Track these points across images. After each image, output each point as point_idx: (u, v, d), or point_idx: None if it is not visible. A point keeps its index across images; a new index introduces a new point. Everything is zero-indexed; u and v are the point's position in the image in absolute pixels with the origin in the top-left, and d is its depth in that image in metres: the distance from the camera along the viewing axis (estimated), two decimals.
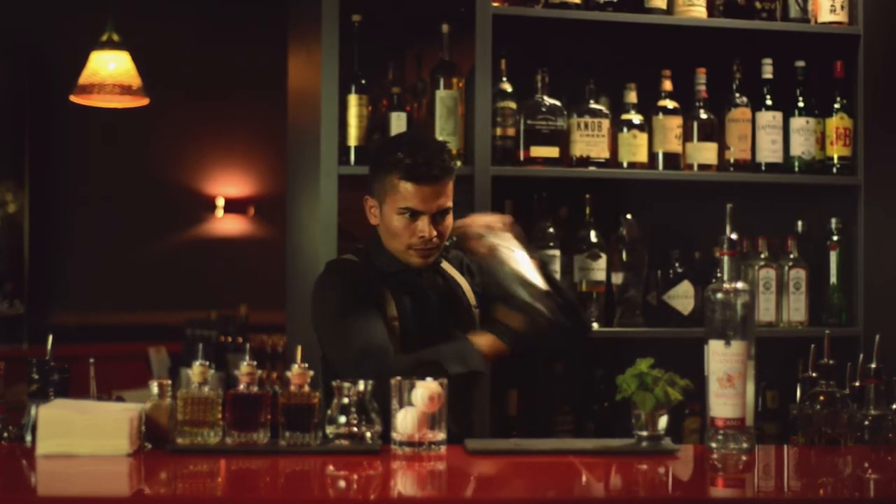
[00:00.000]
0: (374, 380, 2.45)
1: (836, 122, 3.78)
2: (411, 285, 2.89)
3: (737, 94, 3.78)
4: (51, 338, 2.64)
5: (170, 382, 2.49)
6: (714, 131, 3.76)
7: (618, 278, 3.69)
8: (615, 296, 3.69)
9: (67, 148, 7.91)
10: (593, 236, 3.66)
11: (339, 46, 3.39)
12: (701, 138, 3.74)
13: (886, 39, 3.78)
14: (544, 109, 3.61)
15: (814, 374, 2.64)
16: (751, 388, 2.41)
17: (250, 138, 8.23)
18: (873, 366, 2.56)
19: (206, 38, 8.00)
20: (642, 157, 3.69)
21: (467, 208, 3.43)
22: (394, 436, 2.39)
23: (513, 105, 3.57)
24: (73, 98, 4.91)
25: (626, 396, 2.48)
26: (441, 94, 3.48)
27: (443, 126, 3.47)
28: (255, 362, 2.46)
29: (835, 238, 3.79)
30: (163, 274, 7.98)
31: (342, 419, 2.42)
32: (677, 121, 3.72)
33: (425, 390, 2.37)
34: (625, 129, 3.69)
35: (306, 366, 2.45)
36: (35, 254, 7.77)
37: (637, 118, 3.70)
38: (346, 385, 2.42)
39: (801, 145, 3.78)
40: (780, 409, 3.72)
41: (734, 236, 2.46)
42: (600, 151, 3.65)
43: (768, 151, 3.78)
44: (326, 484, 2.21)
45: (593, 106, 3.66)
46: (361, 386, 2.42)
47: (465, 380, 2.75)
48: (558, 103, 3.63)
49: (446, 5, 3.53)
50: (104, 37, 4.84)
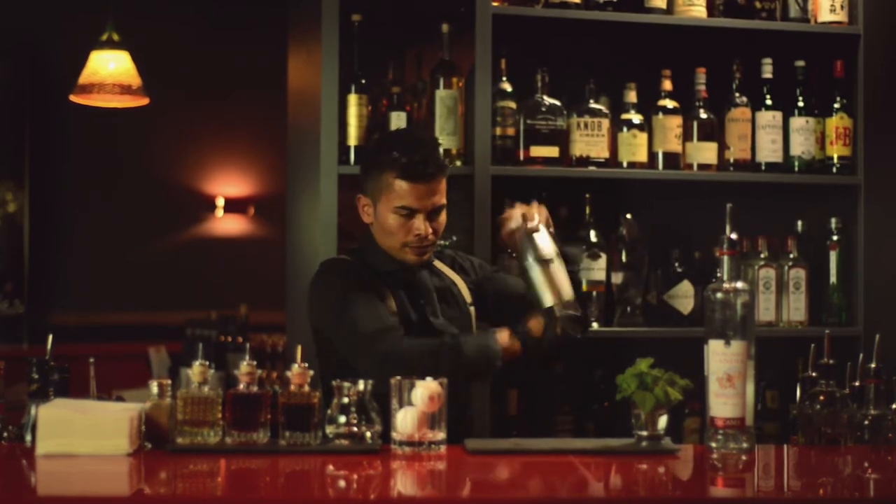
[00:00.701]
0: (387, 360, 2.45)
1: (836, 122, 3.78)
2: (407, 283, 2.90)
3: (737, 94, 3.78)
4: (51, 337, 2.64)
5: (170, 382, 2.50)
6: (714, 131, 3.76)
7: (618, 278, 3.69)
8: (615, 295, 3.69)
9: (67, 148, 7.91)
10: (593, 236, 3.66)
11: (339, 46, 3.39)
12: (701, 138, 3.74)
13: (886, 39, 3.78)
14: (544, 109, 3.61)
15: (814, 374, 2.64)
16: (751, 388, 2.41)
17: (250, 138, 8.23)
18: (873, 366, 2.56)
19: (206, 38, 8.00)
20: (642, 156, 3.69)
21: (467, 208, 3.43)
22: (394, 435, 2.40)
23: (513, 105, 3.57)
24: (73, 98, 4.92)
25: (626, 396, 2.48)
26: (441, 93, 3.48)
27: (443, 126, 3.47)
28: (255, 362, 2.46)
29: (835, 238, 3.79)
30: (163, 274, 7.98)
31: (342, 419, 2.42)
32: (677, 120, 3.72)
33: (425, 390, 2.37)
34: (625, 129, 3.69)
35: (306, 365, 2.45)
36: (35, 254, 7.77)
37: (637, 118, 3.70)
38: (346, 385, 2.42)
39: (801, 145, 3.78)
40: (780, 409, 3.72)
41: (734, 236, 2.46)
42: (600, 151, 3.65)
43: (768, 151, 3.78)
44: (326, 484, 2.21)
45: (593, 106, 3.66)
46: (361, 385, 2.42)
47: (478, 368, 2.75)
48: (558, 103, 3.63)
49: (446, 5, 3.53)
50: (104, 36, 4.84)
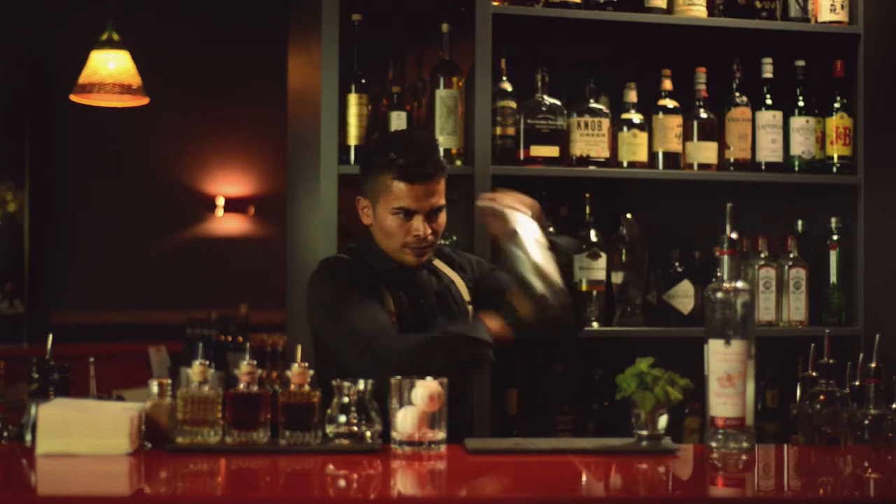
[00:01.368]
0: (382, 360, 2.46)
1: (836, 122, 3.78)
2: (406, 283, 2.90)
3: (737, 94, 3.78)
4: (51, 337, 2.64)
5: (170, 382, 2.50)
6: (714, 131, 3.76)
7: (618, 278, 3.69)
8: (615, 295, 3.69)
9: (67, 148, 7.91)
10: (593, 236, 3.67)
11: (339, 46, 3.39)
12: (701, 138, 3.74)
13: (886, 39, 3.78)
14: (544, 109, 3.61)
15: (814, 374, 2.64)
16: (751, 388, 2.41)
17: (250, 138, 8.23)
18: (873, 365, 2.56)
19: (206, 38, 8.00)
20: (642, 156, 3.69)
21: (467, 208, 3.43)
22: (394, 435, 2.40)
23: (513, 104, 3.57)
24: (72, 97, 4.91)
25: (625, 396, 2.48)
26: (441, 93, 3.48)
27: (443, 125, 3.47)
28: (255, 361, 2.46)
29: (835, 238, 3.79)
30: (163, 274, 7.98)
31: (342, 418, 2.42)
32: (677, 120, 3.72)
33: (425, 389, 2.37)
34: (625, 129, 3.69)
35: (306, 365, 2.45)
36: (35, 254, 7.77)
37: (637, 117, 3.70)
38: (346, 384, 2.42)
39: (801, 145, 3.78)
40: (780, 409, 3.72)
41: (734, 236, 2.46)
42: (600, 151, 3.65)
43: (768, 151, 3.78)
44: (326, 483, 2.21)
45: (593, 105, 3.66)
46: (361, 385, 2.42)
47: (473, 355, 2.76)
48: (558, 102, 3.63)
49: (446, 5, 3.53)
50: (104, 36, 4.84)
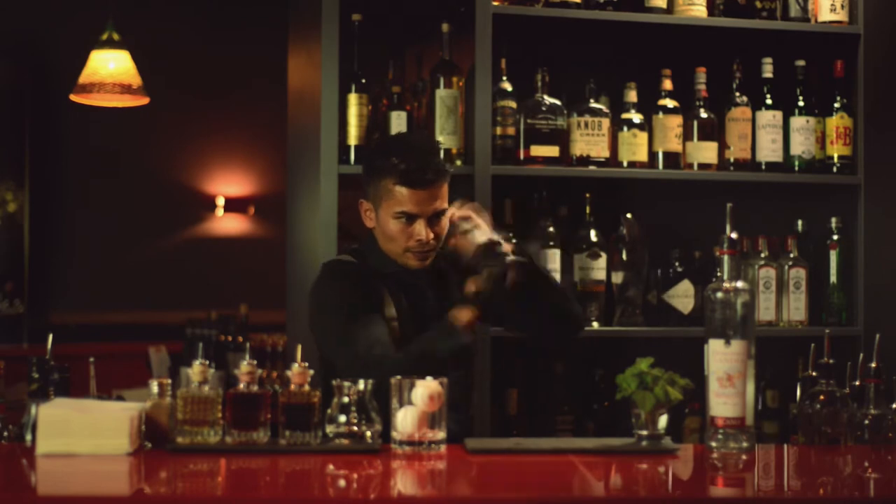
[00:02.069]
0: (375, 377, 2.45)
1: (836, 122, 3.78)
2: (408, 286, 2.89)
3: (737, 94, 3.78)
4: (51, 337, 2.64)
5: (170, 381, 2.49)
6: (714, 130, 3.76)
7: (618, 278, 3.69)
8: (615, 295, 3.69)
9: (67, 148, 7.91)
10: (593, 235, 3.67)
11: (339, 46, 3.39)
12: (701, 137, 3.74)
13: (886, 39, 3.78)
14: (544, 108, 3.61)
15: (814, 374, 2.63)
16: (751, 388, 2.41)
17: (250, 138, 8.23)
18: (873, 365, 2.56)
19: (206, 38, 8.00)
20: (642, 156, 3.69)
21: None
22: (394, 435, 2.40)
23: (513, 104, 3.57)
24: (73, 97, 4.92)
25: (625, 396, 2.48)
26: (441, 93, 3.48)
27: (443, 125, 3.47)
28: (255, 361, 2.46)
29: (835, 237, 3.79)
30: (163, 274, 7.98)
31: (342, 418, 2.42)
32: (677, 120, 3.72)
33: (425, 389, 2.37)
34: (625, 129, 3.69)
35: (306, 365, 2.45)
36: (35, 254, 7.76)
37: (637, 117, 3.70)
38: (347, 384, 2.42)
39: (801, 145, 3.78)
40: (780, 409, 3.72)
41: (734, 235, 2.46)
42: (600, 151, 3.65)
43: (768, 151, 3.78)
44: (326, 483, 2.21)
45: (593, 105, 3.67)
46: (361, 385, 2.42)
47: (457, 357, 2.75)
48: (558, 102, 3.63)
49: (446, 5, 3.53)
50: (104, 36, 4.84)
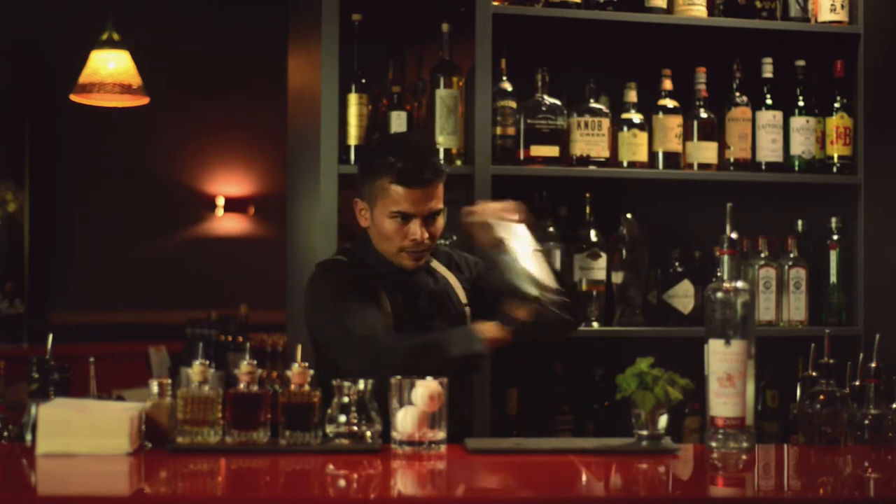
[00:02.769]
0: (376, 364, 2.46)
1: (836, 122, 3.78)
2: (403, 285, 2.90)
3: (737, 94, 3.78)
4: (51, 337, 2.64)
5: (170, 381, 2.50)
6: (714, 130, 3.76)
7: (618, 277, 3.69)
8: (615, 295, 3.69)
9: (67, 148, 7.91)
10: (593, 235, 3.67)
11: (339, 46, 3.39)
12: (701, 137, 3.74)
13: (886, 39, 3.78)
14: (544, 108, 3.61)
15: (814, 374, 2.64)
16: (751, 388, 2.41)
17: (250, 138, 8.23)
18: (873, 365, 2.56)
19: (206, 38, 8.00)
20: (642, 156, 3.69)
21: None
22: (394, 435, 2.40)
23: (513, 104, 3.57)
24: (73, 97, 4.92)
25: (626, 396, 2.48)
26: (441, 93, 3.48)
27: (443, 125, 3.47)
28: (255, 361, 2.46)
29: (835, 237, 3.79)
30: (163, 274, 7.98)
31: (342, 418, 2.42)
32: (677, 120, 3.72)
33: (425, 389, 2.37)
34: (625, 129, 3.69)
35: (306, 365, 2.45)
36: (35, 254, 7.76)
37: (637, 117, 3.70)
38: (346, 384, 2.42)
39: (801, 144, 3.78)
40: (780, 409, 3.72)
41: (734, 235, 2.46)
42: (600, 151, 3.65)
43: (768, 151, 3.78)
44: (326, 483, 2.21)
45: (593, 105, 3.66)
46: (361, 385, 2.42)
47: (466, 362, 2.77)
48: (558, 102, 3.63)
49: (446, 5, 3.53)
50: (104, 36, 4.84)
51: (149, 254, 8.06)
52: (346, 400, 2.42)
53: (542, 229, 3.61)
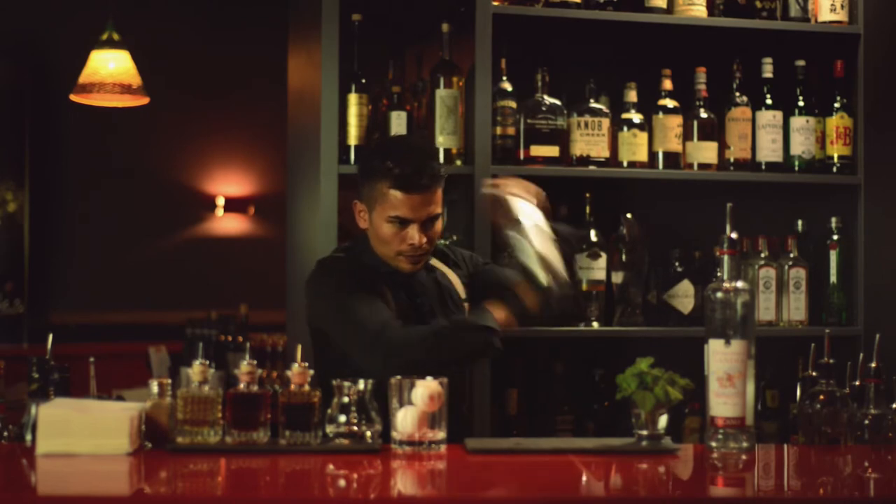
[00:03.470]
0: (393, 354, 2.46)
1: (836, 122, 3.78)
2: (403, 284, 2.90)
3: (737, 94, 3.78)
4: (51, 337, 2.64)
5: (170, 381, 2.49)
6: (714, 130, 3.76)
7: (618, 277, 3.69)
8: (615, 295, 3.69)
9: (67, 148, 7.91)
10: (593, 235, 3.66)
11: (339, 46, 3.39)
12: (701, 137, 3.74)
13: (886, 39, 3.78)
14: (544, 108, 3.61)
15: (814, 374, 2.63)
16: (751, 388, 2.41)
17: (250, 138, 8.24)
18: (873, 365, 2.56)
19: (206, 38, 8.00)
20: (642, 156, 3.69)
21: (467, 208, 3.43)
22: (394, 435, 2.40)
23: (513, 104, 3.57)
24: (72, 97, 4.92)
25: (626, 396, 2.48)
26: (441, 93, 3.48)
27: (443, 125, 3.47)
28: (255, 361, 2.46)
29: (835, 237, 3.79)
30: (163, 274, 7.98)
31: (342, 418, 2.42)
32: (677, 120, 3.72)
33: (425, 389, 2.37)
34: (625, 129, 3.69)
35: (306, 365, 2.45)
36: (35, 254, 7.77)
37: (637, 117, 3.70)
38: (347, 384, 2.42)
39: (802, 144, 3.78)
40: (780, 409, 3.72)
41: (734, 235, 2.46)
42: (600, 151, 3.65)
43: (768, 151, 3.78)
44: (326, 483, 2.21)
45: (593, 105, 3.66)
46: (361, 385, 2.42)
47: (481, 347, 2.78)
48: (558, 102, 3.63)
49: (446, 5, 3.53)
50: (104, 36, 4.84)
51: (149, 254, 8.07)
52: (346, 400, 2.42)
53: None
